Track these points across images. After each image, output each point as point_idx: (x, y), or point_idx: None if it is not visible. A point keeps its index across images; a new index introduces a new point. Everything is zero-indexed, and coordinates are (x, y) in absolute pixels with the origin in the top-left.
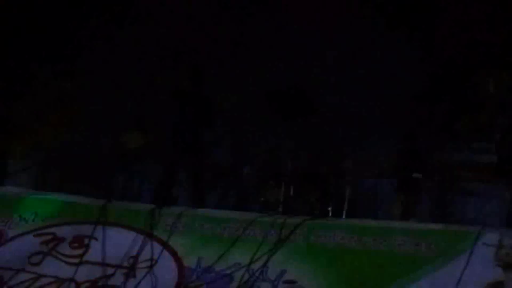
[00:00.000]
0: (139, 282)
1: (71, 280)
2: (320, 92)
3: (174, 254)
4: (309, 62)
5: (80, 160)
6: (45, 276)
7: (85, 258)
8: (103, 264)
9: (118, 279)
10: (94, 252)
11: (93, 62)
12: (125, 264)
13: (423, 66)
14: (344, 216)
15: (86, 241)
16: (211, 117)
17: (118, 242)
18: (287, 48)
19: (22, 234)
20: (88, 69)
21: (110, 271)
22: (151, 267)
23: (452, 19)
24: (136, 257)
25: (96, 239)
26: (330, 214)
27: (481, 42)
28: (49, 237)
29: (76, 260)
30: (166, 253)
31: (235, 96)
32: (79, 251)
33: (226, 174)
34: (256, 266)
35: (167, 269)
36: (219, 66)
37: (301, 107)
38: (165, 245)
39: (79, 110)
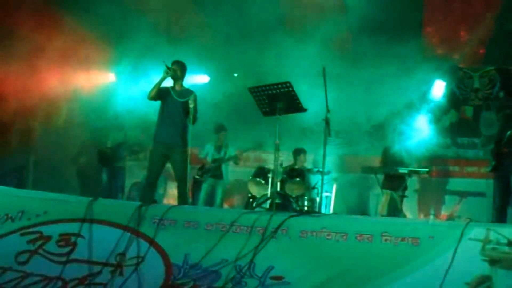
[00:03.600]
0: (126, 280)
1: (58, 278)
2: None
3: (160, 251)
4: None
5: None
6: (32, 274)
7: (72, 256)
8: (90, 262)
9: (105, 276)
10: (80, 250)
11: None
12: (112, 261)
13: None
14: (331, 211)
15: (72, 239)
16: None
17: (105, 239)
18: None
19: (9, 233)
20: None
21: (97, 268)
22: (138, 264)
23: None
24: (123, 255)
25: (82, 237)
26: (316, 209)
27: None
28: (36, 235)
29: (63, 258)
30: (152, 250)
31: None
32: (66, 249)
33: (211, 170)
34: (243, 262)
35: (154, 266)
36: None
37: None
38: (151, 242)
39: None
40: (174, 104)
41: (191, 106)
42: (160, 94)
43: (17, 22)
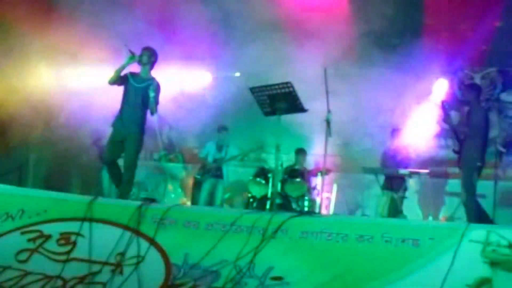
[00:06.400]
0: (126, 279)
1: (58, 277)
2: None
3: (160, 250)
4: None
5: (67, 158)
6: (32, 273)
7: (72, 255)
8: (90, 261)
9: (105, 276)
10: (81, 249)
11: None
12: (112, 261)
13: None
14: (331, 212)
15: (73, 238)
16: None
17: (105, 238)
18: None
19: (9, 232)
20: None
21: (96, 268)
22: (138, 264)
23: None
24: (122, 254)
25: (82, 236)
26: (316, 210)
27: None
28: (36, 234)
29: (63, 257)
30: (152, 250)
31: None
32: (66, 248)
33: (212, 170)
34: (242, 262)
35: (154, 266)
36: None
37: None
38: (151, 241)
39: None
40: (133, 91)
41: (151, 95)
42: (121, 79)
43: (15, 19)
